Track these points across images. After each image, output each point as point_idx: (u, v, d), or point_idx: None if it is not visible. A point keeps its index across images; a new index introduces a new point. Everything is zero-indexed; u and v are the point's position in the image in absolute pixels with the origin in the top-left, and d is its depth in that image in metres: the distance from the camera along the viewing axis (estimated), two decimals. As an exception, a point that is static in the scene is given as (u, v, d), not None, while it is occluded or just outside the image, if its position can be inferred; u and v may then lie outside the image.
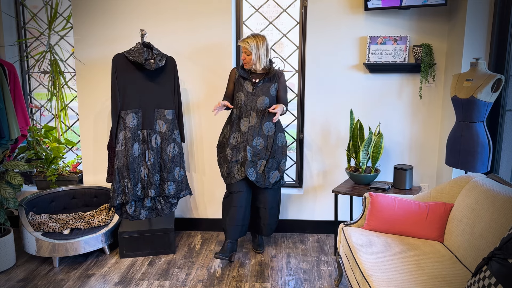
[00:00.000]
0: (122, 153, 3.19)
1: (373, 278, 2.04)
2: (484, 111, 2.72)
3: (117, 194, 3.21)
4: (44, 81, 3.97)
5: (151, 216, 3.36)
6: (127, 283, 2.94)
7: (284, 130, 3.36)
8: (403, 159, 3.63)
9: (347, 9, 3.44)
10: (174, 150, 3.35)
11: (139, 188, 3.27)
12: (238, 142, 3.20)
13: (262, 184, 3.21)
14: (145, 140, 3.26)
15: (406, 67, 3.43)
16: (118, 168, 3.18)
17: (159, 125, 3.29)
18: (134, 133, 3.20)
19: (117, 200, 3.21)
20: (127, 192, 3.22)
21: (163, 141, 3.30)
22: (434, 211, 2.52)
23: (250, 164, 3.17)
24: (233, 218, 3.19)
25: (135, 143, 3.20)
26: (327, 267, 3.18)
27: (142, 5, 3.51)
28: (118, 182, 3.20)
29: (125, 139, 3.17)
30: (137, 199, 3.29)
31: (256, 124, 3.18)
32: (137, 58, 3.14)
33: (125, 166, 3.19)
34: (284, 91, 3.26)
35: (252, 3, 3.71)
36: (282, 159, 3.29)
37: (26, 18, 3.95)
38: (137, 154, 3.23)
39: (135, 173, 3.24)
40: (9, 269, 3.13)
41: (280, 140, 3.28)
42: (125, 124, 3.17)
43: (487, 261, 1.72)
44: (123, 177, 3.20)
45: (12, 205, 3.10)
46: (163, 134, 3.30)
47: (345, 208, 3.74)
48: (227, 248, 3.18)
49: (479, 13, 3.03)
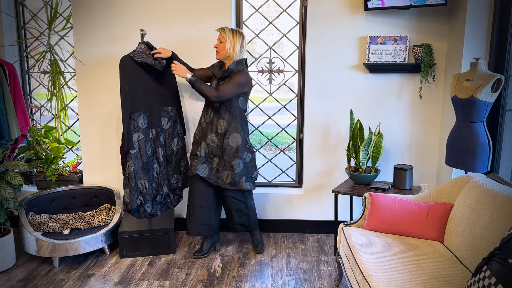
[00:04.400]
0: (137, 155, 3.17)
1: (373, 278, 2.04)
2: (484, 111, 2.72)
3: (136, 196, 3.18)
4: (44, 81, 3.97)
5: (163, 211, 3.42)
6: (127, 283, 2.94)
7: (243, 132, 3.16)
8: (403, 159, 3.63)
9: (347, 9, 3.45)
10: (178, 144, 3.41)
11: (154, 186, 3.30)
12: (199, 137, 3.24)
13: (215, 182, 3.18)
14: (154, 139, 3.28)
15: (406, 67, 3.43)
16: (134, 171, 3.16)
17: (163, 122, 3.33)
18: (146, 133, 3.21)
19: (136, 201, 3.19)
20: (146, 192, 3.22)
21: (168, 137, 3.36)
22: (434, 211, 2.52)
23: (203, 160, 3.18)
24: (193, 215, 3.27)
25: (147, 143, 3.22)
26: (327, 267, 3.18)
27: (142, 5, 3.51)
28: (136, 184, 3.18)
29: (138, 140, 3.17)
30: (153, 197, 3.31)
31: (212, 120, 3.17)
32: (145, 60, 3.11)
33: (141, 168, 3.19)
34: (227, 83, 3.05)
35: (252, 3, 3.71)
36: (231, 161, 3.13)
37: (26, 18, 3.95)
38: (150, 153, 3.25)
39: (150, 172, 3.26)
40: (9, 269, 3.13)
41: (233, 141, 3.12)
42: (137, 125, 3.16)
43: (487, 261, 1.72)
44: (140, 178, 3.19)
45: (12, 205, 3.10)
46: (167, 131, 3.35)
47: (345, 208, 3.74)
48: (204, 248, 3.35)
49: (479, 13, 3.03)
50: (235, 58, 3.11)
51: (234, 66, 3.09)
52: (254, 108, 3.96)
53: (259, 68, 3.79)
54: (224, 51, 3.08)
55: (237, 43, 3.07)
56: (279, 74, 3.77)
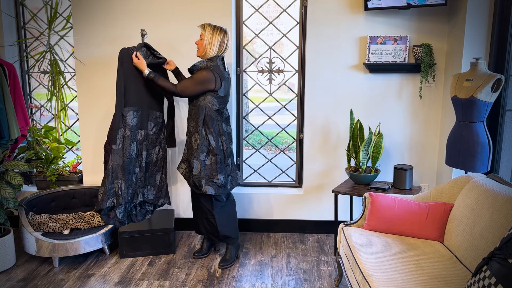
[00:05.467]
0: (118, 151, 3.02)
1: (373, 278, 2.04)
2: (484, 111, 2.72)
3: (109, 196, 3.01)
4: (44, 81, 3.97)
5: (128, 221, 3.19)
6: (127, 283, 2.94)
7: (207, 132, 3.00)
8: (403, 159, 3.63)
9: (347, 9, 3.45)
10: (159, 154, 3.28)
11: (130, 192, 3.12)
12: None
13: (188, 182, 3.13)
14: (141, 141, 3.15)
15: (406, 67, 3.43)
16: (112, 168, 3.01)
17: (149, 127, 3.21)
18: (133, 132, 3.07)
19: (107, 202, 3.02)
20: (120, 195, 3.05)
21: (150, 144, 3.22)
22: (434, 211, 2.52)
23: (183, 159, 3.15)
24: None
25: (133, 143, 3.07)
26: (327, 267, 3.18)
27: (142, 5, 3.52)
28: (111, 183, 3.02)
29: (123, 137, 3.03)
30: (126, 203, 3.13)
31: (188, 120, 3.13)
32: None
33: (120, 166, 3.03)
34: (186, 79, 2.98)
35: (252, 3, 3.71)
36: (191, 161, 3.02)
37: (26, 18, 3.95)
38: (134, 155, 3.10)
39: (130, 175, 3.09)
40: (9, 269, 3.13)
41: (194, 141, 3.02)
42: (125, 121, 3.03)
43: (487, 261, 1.72)
44: (117, 177, 3.03)
45: (12, 205, 3.10)
46: (151, 137, 3.22)
47: (345, 208, 3.74)
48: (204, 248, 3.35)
49: (479, 13, 3.03)
50: (210, 55, 3.00)
51: (203, 62, 2.99)
52: (254, 108, 3.96)
53: (259, 68, 3.79)
54: (202, 48, 3.01)
55: (215, 40, 2.97)
56: (279, 74, 3.77)
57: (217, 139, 3.02)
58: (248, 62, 3.81)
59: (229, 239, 3.21)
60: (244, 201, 3.78)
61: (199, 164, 3.00)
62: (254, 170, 3.91)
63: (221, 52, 3.03)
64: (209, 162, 3.02)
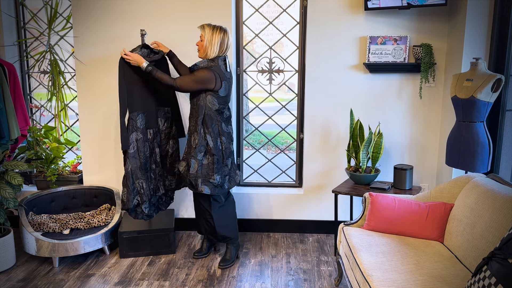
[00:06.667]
0: (134, 154, 3.15)
1: (373, 278, 2.04)
2: (484, 111, 2.72)
3: (133, 195, 3.16)
4: (44, 81, 3.97)
5: (156, 212, 3.37)
6: (127, 283, 2.94)
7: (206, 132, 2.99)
8: (403, 159, 3.63)
9: (347, 9, 3.45)
10: (173, 147, 3.42)
11: (152, 187, 3.29)
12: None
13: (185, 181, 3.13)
14: (152, 139, 3.27)
15: (406, 67, 3.43)
16: (132, 170, 3.14)
17: (160, 123, 3.33)
18: (144, 133, 3.19)
19: (133, 201, 3.16)
20: (143, 193, 3.20)
21: (164, 138, 3.36)
22: (434, 211, 2.52)
23: (184, 157, 3.13)
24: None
25: (145, 143, 3.20)
26: (327, 267, 3.18)
27: (142, 5, 3.52)
28: (133, 184, 3.16)
29: (136, 140, 3.15)
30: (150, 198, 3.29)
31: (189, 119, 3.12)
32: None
33: (138, 167, 3.16)
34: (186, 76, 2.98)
35: (252, 3, 3.71)
36: (189, 159, 3.04)
37: (26, 18, 3.95)
38: (148, 153, 3.23)
39: (148, 173, 3.24)
40: (9, 269, 3.13)
41: (193, 140, 3.03)
42: (136, 125, 3.14)
43: (487, 261, 1.72)
44: (137, 178, 3.17)
45: (12, 205, 3.10)
46: (163, 131, 3.35)
47: (345, 208, 3.74)
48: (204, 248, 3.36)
49: (479, 13, 3.03)
50: (211, 56, 2.99)
51: (204, 62, 2.98)
52: (254, 108, 3.96)
53: (259, 68, 3.79)
54: (202, 49, 3.00)
55: (215, 40, 2.96)
56: (279, 74, 3.77)
57: (216, 139, 3.02)
58: (248, 62, 3.81)
59: (228, 239, 3.21)
60: (244, 201, 3.79)
61: (196, 164, 3.00)
62: (254, 170, 3.91)
63: (222, 52, 3.02)
64: (206, 162, 3.02)
